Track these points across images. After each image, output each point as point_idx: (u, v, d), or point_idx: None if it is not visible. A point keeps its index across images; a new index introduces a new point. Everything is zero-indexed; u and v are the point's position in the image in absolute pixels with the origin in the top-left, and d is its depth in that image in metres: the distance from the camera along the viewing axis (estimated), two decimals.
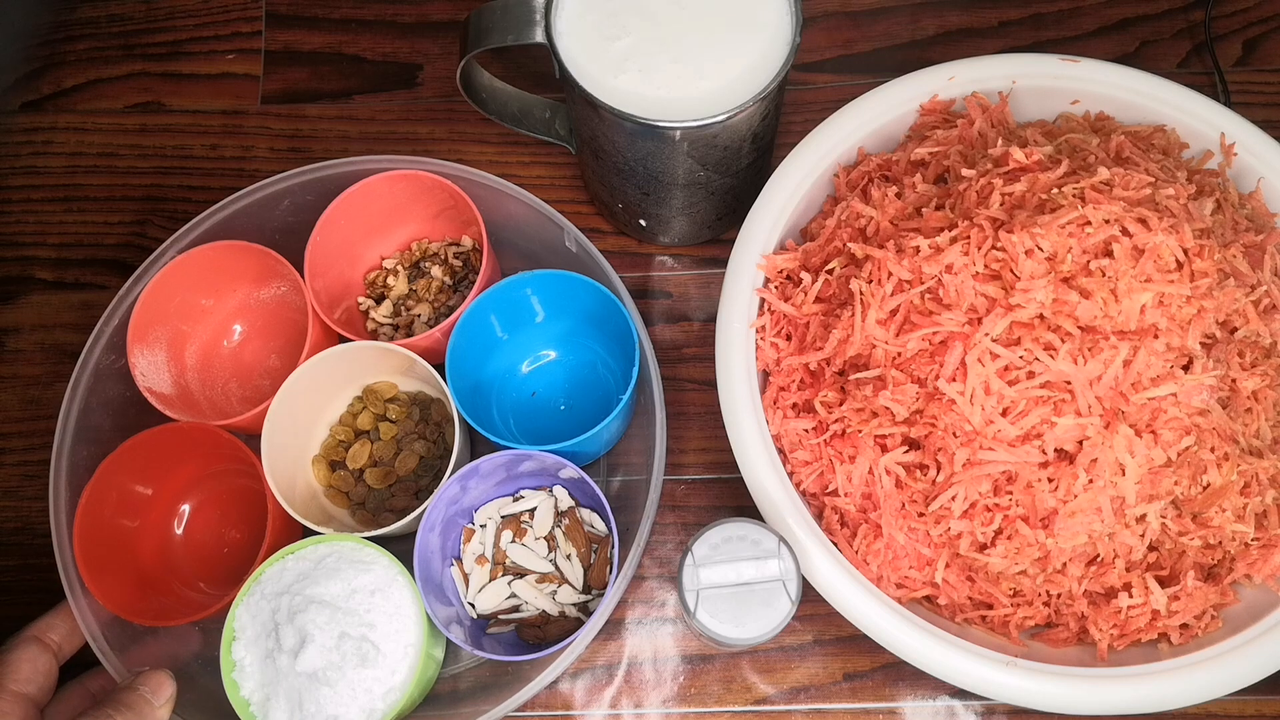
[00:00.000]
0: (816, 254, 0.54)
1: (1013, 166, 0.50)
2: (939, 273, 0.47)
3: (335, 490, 0.59)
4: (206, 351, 0.61)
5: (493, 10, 0.53)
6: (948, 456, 0.47)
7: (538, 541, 0.56)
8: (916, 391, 0.47)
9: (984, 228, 0.47)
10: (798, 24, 0.51)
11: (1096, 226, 0.46)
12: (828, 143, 0.55)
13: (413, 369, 0.57)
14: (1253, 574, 0.49)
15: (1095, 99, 0.56)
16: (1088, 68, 0.55)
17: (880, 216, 0.52)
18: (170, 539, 0.59)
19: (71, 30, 0.72)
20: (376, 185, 0.58)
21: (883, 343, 0.48)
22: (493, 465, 0.53)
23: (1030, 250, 0.46)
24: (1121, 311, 0.45)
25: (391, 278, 0.62)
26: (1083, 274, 0.45)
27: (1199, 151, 0.55)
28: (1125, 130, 0.55)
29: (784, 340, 0.53)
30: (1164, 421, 0.45)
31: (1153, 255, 0.45)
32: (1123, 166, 0.50)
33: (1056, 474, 0.45)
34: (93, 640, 0.52)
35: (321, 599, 0.50)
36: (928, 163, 0.54)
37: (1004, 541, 0.47)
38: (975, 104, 0.55)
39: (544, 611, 0.55)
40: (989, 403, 0.45)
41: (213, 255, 0.58)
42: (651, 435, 0.54)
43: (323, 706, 0.49)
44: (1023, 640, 0.50)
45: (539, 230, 0.59)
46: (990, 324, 0.45)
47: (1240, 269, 0.49)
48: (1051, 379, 0.45)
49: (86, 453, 0.56)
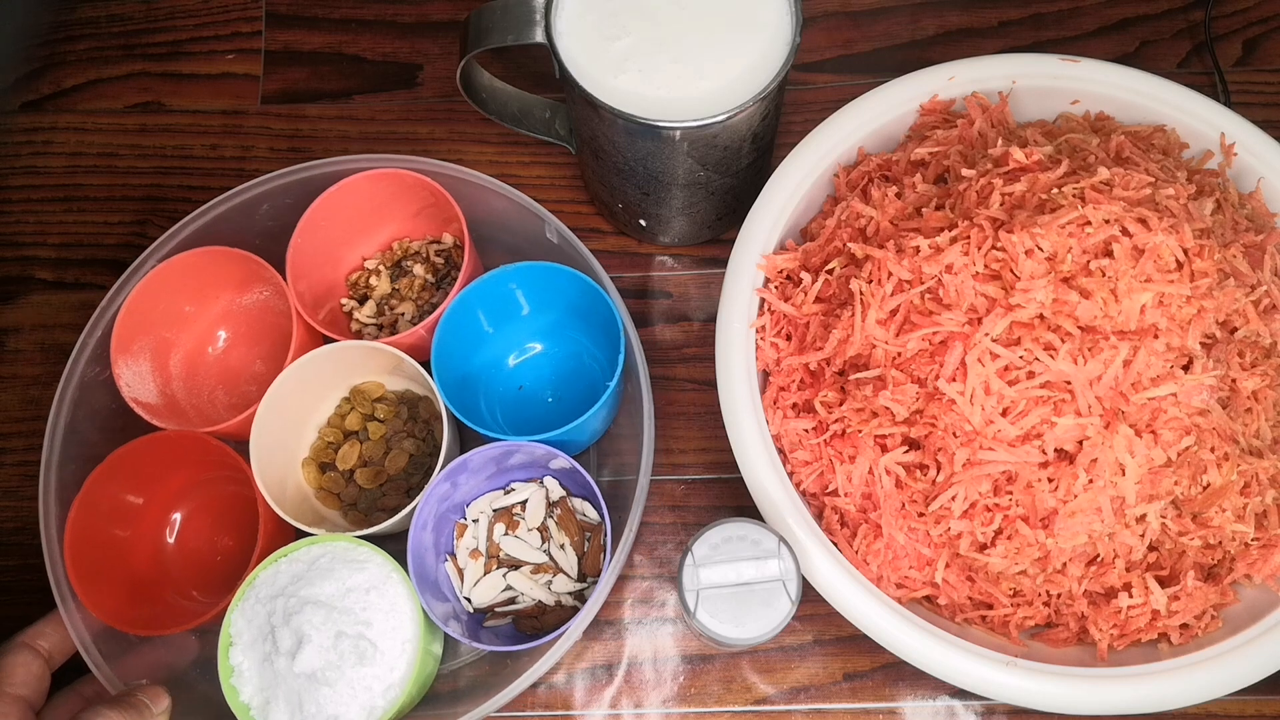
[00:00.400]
0: (816, 254, 0.54)
1: (1013, 166, 0.50)
2: (939, 273, 0.47)
3: (326, 492, 0.59)
4: (191, 359, 0.61)
5: (493, 10, 0.53)
6: (948, 456, 0.47)
7: (531, 533, 0.56)
8: (916, 391, 0.47)
9: (984, 228, 0.47)
10: (798, 24, 0.51)
11: (1096, 226, 0.46)
12: (828, 143, 0.55)
13: (400, 367, 0.57)
14: (1253, 574, 0.49)
15: (1095, 99, 0.56)
16: (1088, 68, 0.55)
17: (880, 216, 0.52)
18: (162, 548, 0.59)
19: (71, 30, 0.72)
20: (355, 185, 0.58)
21: (883, 343, 0.48)
22: (482, 459, 0.53)
23: (1030, 250, 0.46)
24: (1121, 311, 0.45)
25: (374, 278, 0.62)
26: (1083, 274, 0.45)
27: (1199, 151, 0.55)
28: (1125, 130, 0.55)
29: (784, 340, 0.53)
30: (1164, 421, 0.45)
31: (1153, 255, 0.45)
32: (1123, 166, 0.50)
33: (1056, 474, 0.46)
34: (84, 650, 0.52)
35: (316, 599, 0.49)
36: (928, 163, 0.54)
37: (1004, 541, 0.47)
38: (975, 104, 0.55)
39: (540, 602, 0.55)
40: (989, 403, 0.45)
41: (193, 262, 0.57)
42: (640, 423, 0.54)
43: (323, 707, 0.49)
44: (1022, 640, 0.50)
45: (520, 223, 0.59)
46: (990, 324, 0.45)
47: (1240, 269, 0.49)
48: (1051, 379, 0.45)
49: (75, 466, 0.56)
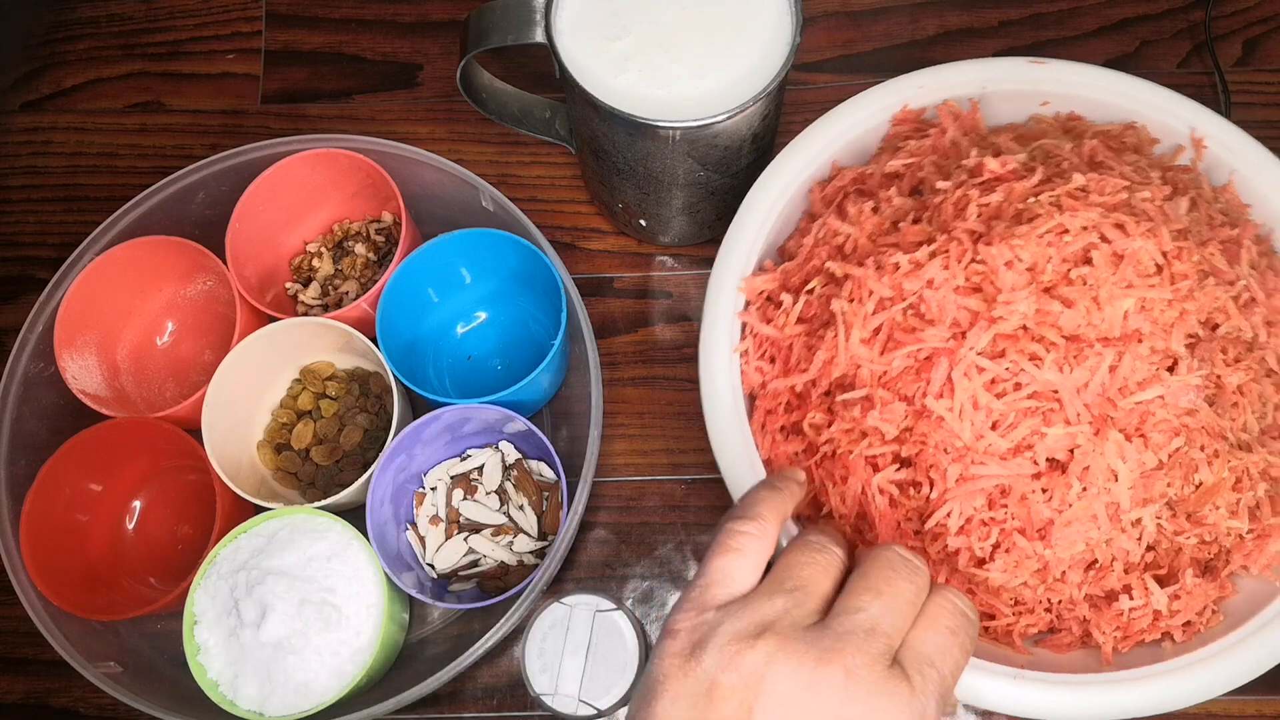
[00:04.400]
0: (795, 273, 0.53)
1: (988, 176, 0.49)
2: (920, 288, 0.46)
3: (283, 472, 0.59)
4: (138, 352, 0.61)
5: (493, 10, 0.53)
6: (940, 473, 0.46)
7: (489, 496, 0.57)
8: (905, 409, 0.47)
9: (962, 241, 0.47)
10: (798, 24, 0.51)
11: (1075, 234, 0.45)
12: (802, 158, 0.54)
13: (349, 344, 0.58)
14: (1249, 565, 0.49)
15: (1065, 99, 0.55)
16: (1056, 69, 0.55)
17: (858, 233, 0.51)
18: (122, 535, 0.59)
19: (71, 30, 0.72)
20: (291, 167, 0.58)
21: (868, 362, 0.48)
22: (437, 428, 0.54)
23: (1010, 262, 0.45)
24: (1105, 319, 0.45)
25: (316, 260, 0.62)
26: (1063, 283, 0.45)
27: (1170, 146, 0.55)
28: (1096, 130, 0.54)
29: (768, 363, 0.52)
30: (1153, 424, 0.45)
31: (1132, 260, 0.45)
32: (1097, 171, 0.50)
33: (1050, 484, 0.45)
34: (49, 635, 0.52)
35: (278, 570, 0.50)
36: (903, 175, 0.54)
37: (1002, 555, 0.47)
38: (947, 112, 0.55)
39: (502, 563, 0.56)
40: (978, 417, 0.45)
41: (134, 253, 0.57)
42: (588, 382, 0.55)
43: (291, 675, 0.49)
44: (1026, 648, 0.50)
45: (455, 193, 0.59)
46: (974, 338, 0.45)
47: (1219, 266, 0.49)
48: (1039, 389, 0.45)
49: (25, 460, 0.56)
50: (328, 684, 0.50)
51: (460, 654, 0.51)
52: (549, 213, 0.66)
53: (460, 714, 0.57)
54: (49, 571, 0.53)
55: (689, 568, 0.59)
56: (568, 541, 0.52)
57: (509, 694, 0.57)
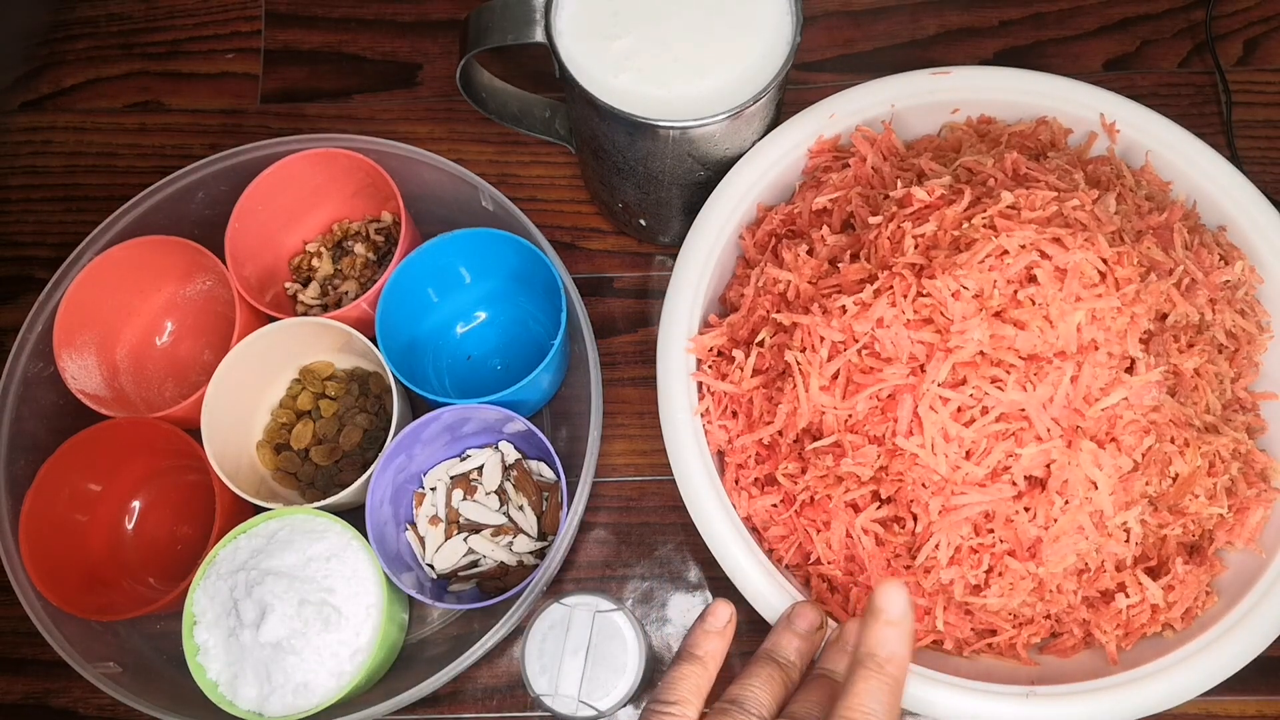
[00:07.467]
0: (742, 325, 0.52)
1: (918, 206, 0.49)
2: (871, 329, 0.46)
3: (283, 473, 0.59)
4: (138, 352, 0.61)
5: (492, 10, 0.53)
6: (922, 507, 0.46)
7: (489, 496, 0.57)
8: (877, 451, 0.46)
9: (905, 275, 0.46)
10: (798, 24, 0.51)
11: (1015, 254, 0.45)
12: (727, 206, 0.54)
13: (349, 344, 0.58)
14: (1233, 540, 0.50)
15: (973, 104, 0.56)
16: (959, 76, 0.55)
17: (797, 279, 0.51)
18: (121, 535, 0.59)
19: (71, 30, 0.72)
20: (290, 167, 0.58)
21: (831, 408, 0.47)
22: (437, 428, 0.54)
23: (956, 292, 0.45)
24: (1059, 335, 0.44)
25: (316, 259, 0.62)
26: (1013, 305, 0.45)
27: (1083, 135, 0.55)
28: (1011, 131, 0.55)
29: (730, 419, 0.52)
30: (1122, 427, 0.45)
31: (1076, 273, 0.45)
32: (1023, 185, 0.49)
33: (1032, 503, 0.45)
34: (49, 635, 0.52)
35: (278, 570, 0.50)
36: (830, 210, 0.53)
37: (997, 580, 0.47)
38: (862, 139, 0.55)
39: (502, 563, 0.56)
40: (951, 449, 0.45)
41: (133, 253, 0.57)
42: (588, 382, 0.55)
43: (290, 675, 0.49)
44: (1032, 658, 0.50)
45: (455, 193, 0.59)
46: (934, 370, 0.45)
47: (1156, 258, 0.49)
48: (1006, 410, 0.44)
49: (25, 460, 0.56)
50: (327, 684, 0.50)
51: (460, 655, 0.51)
52: (549, 212, 0.66)
53: (460, 714, 0.57)
54: (48, 572, 0.53)
55: (689, 568, 0.59)
56: (567, 542, 0.52)
57: (509, 694, 0.57)
